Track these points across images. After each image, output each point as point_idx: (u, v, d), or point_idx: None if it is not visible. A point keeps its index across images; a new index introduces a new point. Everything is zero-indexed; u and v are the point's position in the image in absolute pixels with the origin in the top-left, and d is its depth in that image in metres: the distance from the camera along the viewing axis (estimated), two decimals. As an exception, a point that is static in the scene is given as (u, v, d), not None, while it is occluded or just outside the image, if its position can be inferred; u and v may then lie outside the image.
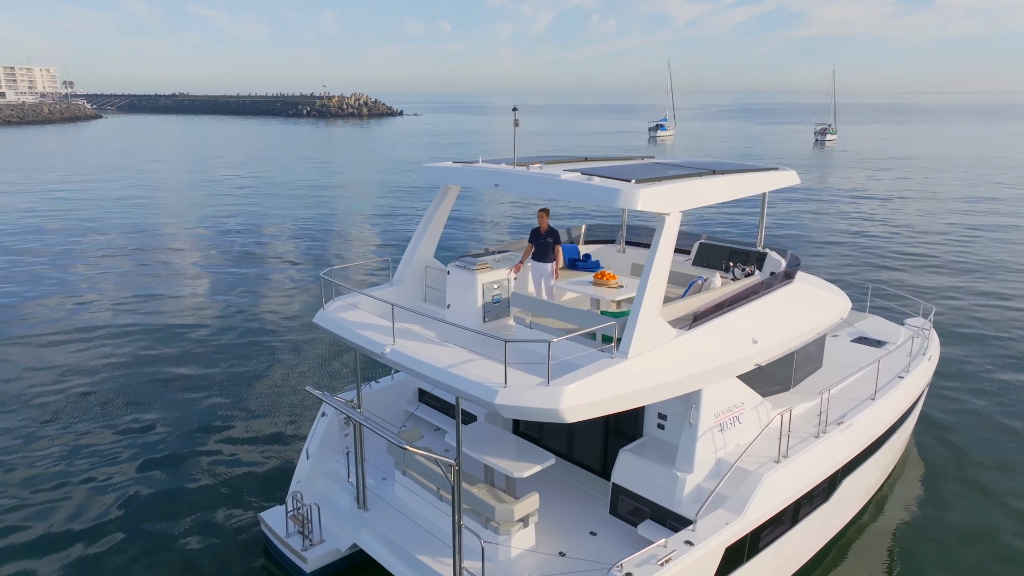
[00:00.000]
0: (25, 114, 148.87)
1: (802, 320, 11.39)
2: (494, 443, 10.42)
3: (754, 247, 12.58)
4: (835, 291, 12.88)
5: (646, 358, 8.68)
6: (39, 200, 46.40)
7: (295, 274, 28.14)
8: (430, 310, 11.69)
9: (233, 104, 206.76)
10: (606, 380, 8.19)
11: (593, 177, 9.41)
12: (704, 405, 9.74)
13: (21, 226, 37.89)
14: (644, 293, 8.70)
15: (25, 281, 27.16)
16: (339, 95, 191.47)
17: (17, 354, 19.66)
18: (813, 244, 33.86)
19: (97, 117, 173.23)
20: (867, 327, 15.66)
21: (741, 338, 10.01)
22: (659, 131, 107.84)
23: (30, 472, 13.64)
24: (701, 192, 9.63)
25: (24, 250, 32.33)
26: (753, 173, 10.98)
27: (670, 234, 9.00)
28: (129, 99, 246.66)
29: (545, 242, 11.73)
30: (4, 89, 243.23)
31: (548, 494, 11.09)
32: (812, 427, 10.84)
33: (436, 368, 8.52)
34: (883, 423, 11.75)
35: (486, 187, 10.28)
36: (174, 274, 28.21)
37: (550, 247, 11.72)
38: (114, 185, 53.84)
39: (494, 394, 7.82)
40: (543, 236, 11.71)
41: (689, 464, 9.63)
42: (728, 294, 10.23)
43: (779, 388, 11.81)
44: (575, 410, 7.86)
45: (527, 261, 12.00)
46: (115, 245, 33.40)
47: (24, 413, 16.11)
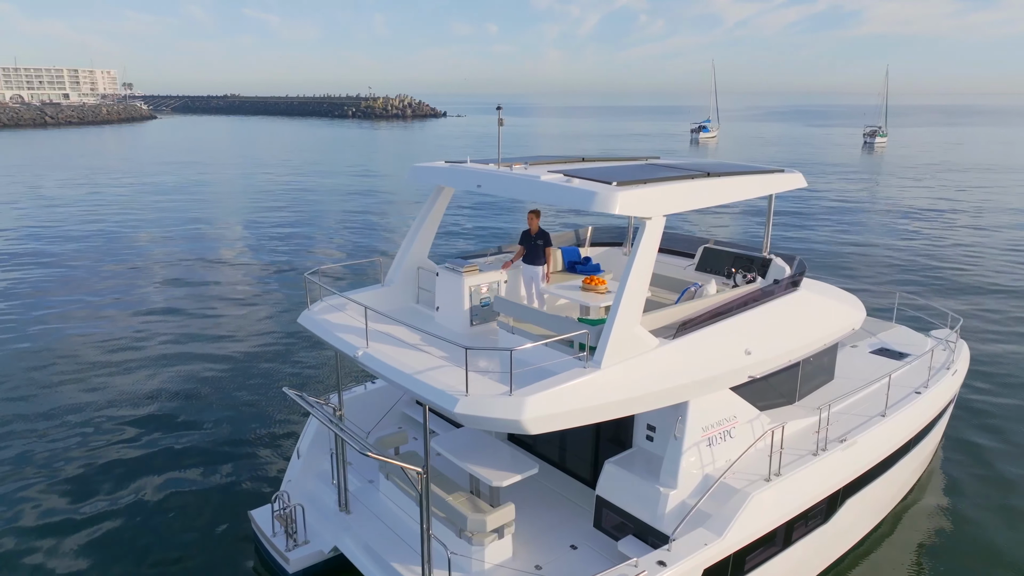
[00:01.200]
0: (85, 115, 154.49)
1: (807, 330, 10.85)
2: (479, 449, 10.18)
3: (760, 252, 12.05)
4: (848, 299, 12.25)
5: (622, 368, 8.32)
6: (61, 201, 47.96)
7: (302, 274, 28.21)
8: (421, 312, 11.51)
9: (282, 105, 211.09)
10: (574, 390, 7.87)
11: (573, 179, 9.09)
12: (691, 418, 9.33)
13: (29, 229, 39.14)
14: (620, 301, 8.35)
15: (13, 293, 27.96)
16: (384, 96, 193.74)
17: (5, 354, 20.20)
18: (845, 249, 32.69)
19: (152, 118, 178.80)
20: (890, 338, 14.92)
21: (733, 349, 9.55)
22: (702, 132, 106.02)
23: (21, 470, 13.80)
24: (689, 195, 9.22)
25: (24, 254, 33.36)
26: (753, 175, 10.50)
27: (651, 239, 8.63)
28: (183, 100, 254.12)
29: (535, 244, 11.44)
30: (68, 91, 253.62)
31: (534, 504, 10.79)
32: (812, 444, 10.31)
33: (402, 373, 8.33)
34: (893, 441, 11.11)
35: (470, 188, 10.06)
36: (184, 271, 28.72)
37: (540, 249, 11.42)
38: (147, 184, 55.32)
39: (454, 402, 7.58)
40: (533, 238, 11.43)
41: (673, 479, 9.23)
42: (720, 302, 9.78)
43: (783, 401, 11.28)
44: (538, 421, 7.57)
45: (518, 263, 11.74)
46: (135, 244, 34.24)
47: (10, 409, 16.44)
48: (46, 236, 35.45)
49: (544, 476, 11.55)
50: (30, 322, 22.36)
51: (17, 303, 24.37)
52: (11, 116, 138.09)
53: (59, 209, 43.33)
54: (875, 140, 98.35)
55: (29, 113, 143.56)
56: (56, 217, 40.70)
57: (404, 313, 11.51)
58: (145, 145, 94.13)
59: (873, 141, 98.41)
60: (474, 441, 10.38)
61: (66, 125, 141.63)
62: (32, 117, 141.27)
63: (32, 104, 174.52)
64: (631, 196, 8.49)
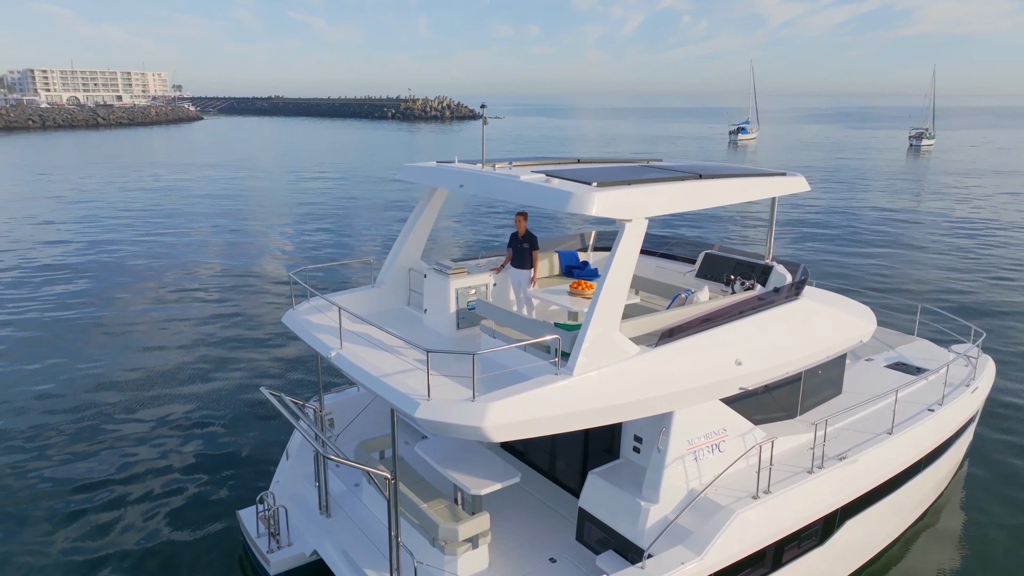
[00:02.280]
0: (135, 116, 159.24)
1: (807, 341, 10.39)
2: (463, 456, 10.00)
3: (762, 260, 11.60)
4: (856, 310, 11.72)
5: (596, 376, 8.05)
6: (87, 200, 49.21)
7: (315, 275, 28.37)
8: (411, 314, 11.38)
9: (324, 107, 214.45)
10: (542, 398, 7.63)
11: (553, 179, 8.83)
12: (675, 430, 8.99)
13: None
14: (595, 306, 8.06)
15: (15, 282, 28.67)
16: (423, 98, 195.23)
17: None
18: (875, 257, 31.60)
19: (198, 119, 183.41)
20: (910, 352, 14.26)
21: (721, 359, 9.18)
22: (740, 134, 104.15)
23: (9, 469, 13.88)
24: (674, 197, 8.89)
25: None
26: (750, 178, 10.09)
27: (631, 242, 8.33)
28: (230, 101, 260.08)
29: (522, 247, 11.19)
30: (121, 92, 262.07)
31: (518, 514, 10.55)
32: (809, 461, 9.85)
33: (369, 375, 8.20)
34: (900, 461, 10.57)
35: (453, 187, 9.87)
36: (192, 270, 29.14)
37: (527, 253, 11.17)
38: (174, 183, 56.51)
39: (415, 407, 7.42)
40: (520, 241, 11.18)
41: (655, 493, 8.90)
42: (709, 310, 9.41)
43: (783, 415, 10.83)
44: (501, 429, 7.35)
45: (508, 267, 11.53)
46: (158, 241, 34.90)
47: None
48: (54, 233, 36.45)
49: (533, 486, 11.31)
50: (12, 321, 22.93)
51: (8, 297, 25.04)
52: (66, 117, 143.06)
53: (82, 206, 44.53)
54: (921, 143, 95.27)
55: (82, 114, 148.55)
56: (75, 215, 41.81)
57: (394, 315, 11.39)
58: (184, 146, 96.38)
59: (919, 144, 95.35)
60: (459, 447, 10.19)
61: (117, 126, 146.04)
62: (85, 118, 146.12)
63: (86, 105, 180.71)
64: (609, 197, 8.21)
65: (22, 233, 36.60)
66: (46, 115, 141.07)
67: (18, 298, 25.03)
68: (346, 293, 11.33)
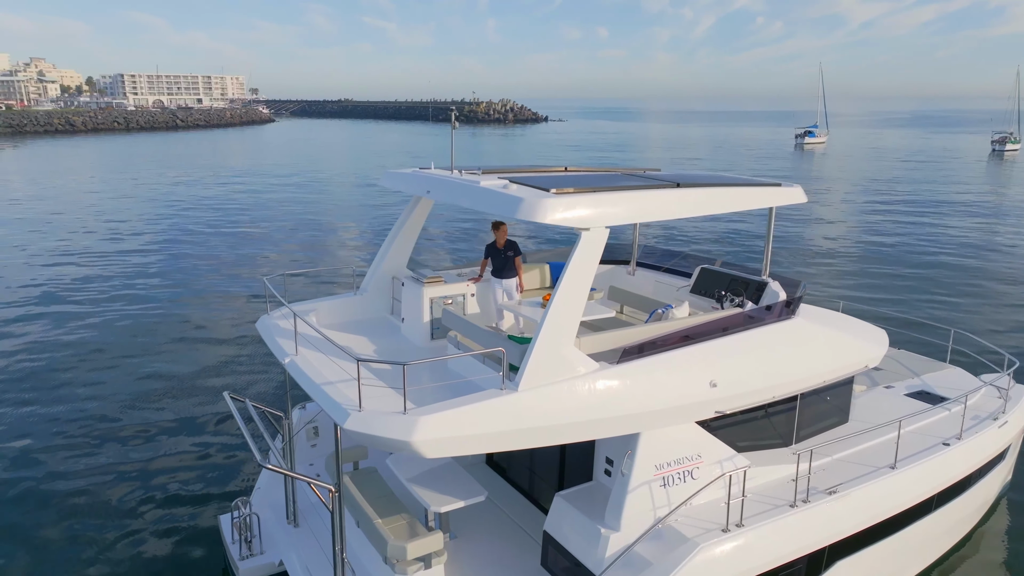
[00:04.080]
0: (211, 118, 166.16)
1: (799, 364, 9.70)
2: (434, 470, 9.77)
3: (758, 276, 10.92)
4: (863, 332, 10.89)
5: (545, 392, 7.66)
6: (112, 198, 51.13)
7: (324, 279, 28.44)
8: (391, 323, 11.22)
9: (390, 109, 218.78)
10: (480, 413, 7.30)
11: (511, 185, 8.48)
12: (641, 453, 8.50)
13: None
14: (546, 318, 7.68)
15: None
16: (487, 101, 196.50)
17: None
18: (924, 271, 29.70)
19: (271, 121, 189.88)
20: (937, 380, 13.21)
21: (693, 379, 8.62)
22: (807, 138, 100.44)
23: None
24: (640, 206, 8.41)
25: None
26: (736, 188, 9.47)
27: (587, 252, 7.92)
28: (302, 104, 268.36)
29: (505, 256, 10.85)
30: (202, 96, 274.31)
31: (488, 533, 10.23)
32: (801, 492, 9.17)
33: (312, 383, 8.05)
34: (903, 498, 9.73)
35: (421, 193, 9.65)
36: (212, 268, 29.79)
37: (510, 261, 10.83)
38: (226, 183, 58.29)
39: (345, 417, 7.21)
40: (501, 251, 10.84)
41: (616, 520, 8.43)
42: (683, 327, 8.86)
43: (775, 443, 10.15)
44: (432, 444, 7.06)
45: (486, 276, 11.23)
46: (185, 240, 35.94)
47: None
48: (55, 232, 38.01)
49: (511, 505, 10.95)
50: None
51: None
52: (148, 119, 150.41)
53: (129, 204, 46.42)
54: (1005, 148, 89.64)
55: (163, 116, 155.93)
56: (110, 212, 43.58)
57: (375, 323, 11.26)
58: (251, 147, 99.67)
59: (1003, 149, 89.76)
60: (431, 461, 9.95)
61: (194, 128, 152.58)
62: (165, 120, 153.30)
63: (168, 108, 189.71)
64: (564, 204, 7.81)
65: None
66: (130, 117, 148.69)
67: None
68: (328, 300, 11.26)
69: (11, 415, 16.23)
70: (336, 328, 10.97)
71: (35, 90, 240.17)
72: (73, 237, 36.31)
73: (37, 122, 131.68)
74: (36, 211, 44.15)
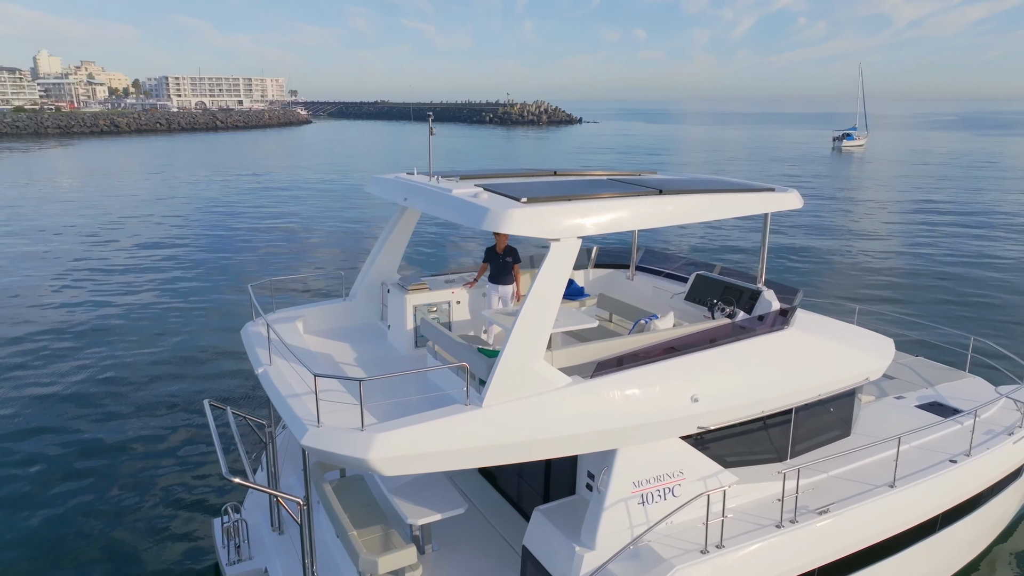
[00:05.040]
0: (250, 119, 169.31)
1: (792, 377, 9.29)
2: (417, 480, 9.59)
3: (754, 284, 10.51)
4: (866, 343, 10.41)
5: (511, 408, 7.42)
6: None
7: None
8: (380, 329, 11.09)
9: (425, 110, 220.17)
10: (442, 430, 7.09)
11: (482, 193, 8.26)
12: (618, 469, 8.21)
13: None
14: (513, 331, 7.45)
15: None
16: (521, 102, 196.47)
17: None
18: (960, 271, 28.59)
19: (308, 122, 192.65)
20: (953, 391, 12.61)
21: (673, 393, 8.30)
22: (845, 141, 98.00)
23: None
24: (615, 215, 8.11)
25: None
26: (725, 194, 9.10)
27: (557, 263, 7.66)
28: (339, 106, 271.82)
29: (504, 262, 10.65)
30: (243, 97, 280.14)
31: (472, 546, 10.02)
32: (788, 512, 8.77)
33: (278, 395, 7.93)
34: (901, 519, 9.25)
35: (399, 200, 9.47)
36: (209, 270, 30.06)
37: (508, 267, 10.62)
38: (247, 184, 59.06)
39: (303, 432, 7.06)
40: (500, 256, 10.65)
41: (591, 538, 8.15)
42: (664, 339, 8.54)
43: (768, 458, 9.75)
44: (390, 462, 6.88)
45: (483, 282, 11.01)
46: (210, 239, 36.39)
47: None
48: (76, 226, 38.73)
49: (499, 516, 10.71)
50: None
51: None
52: (189, 121, 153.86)
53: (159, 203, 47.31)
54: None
55: (204, 118, 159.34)
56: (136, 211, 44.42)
57: (364, 330, 11.16)
58: (283, 148, 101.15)
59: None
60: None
61: (233, 129, 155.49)
62: (205, 122, 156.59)
63: (208, 109, 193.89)
64: (532, 214, 7.57)
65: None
66: (172, 119, 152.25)
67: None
68: (316, 306, 11.18)
69: (9, 412, 16.57)
70: (323, 335, 10.88)
71: (84, 92, 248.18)
72: (91, 237, 37.19)
73: (84, 123, 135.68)
74: (51, 212, 45.37)
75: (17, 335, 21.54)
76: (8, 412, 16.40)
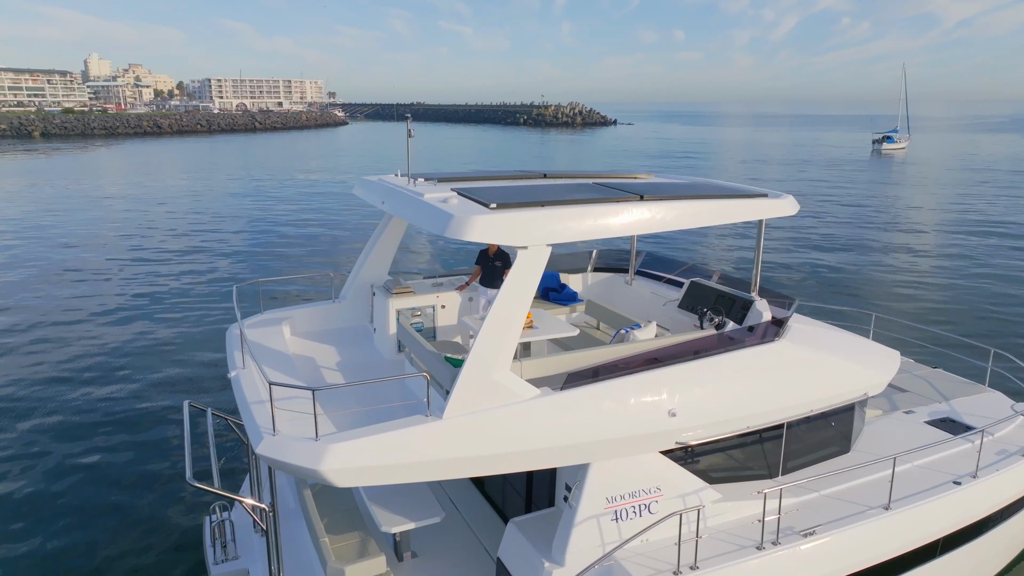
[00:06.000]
0: (288, 120, 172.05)
1: (783, 391, 8.93)
2: (398, 486, 9.44)
3: (748, 292, 10.13)
4: (867, 356, 9.96)
5: (473, 420, 7.22)
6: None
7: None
8: (370, 332, 10.99)
9: (460, 112, 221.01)
10: (398, 441, 6.93)
11: (452, 199, 8.06)
12: (591, 484, 7.95)
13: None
14: (476, 341, 7.25)
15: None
16: (555, 104, 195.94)
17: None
18: (981, 292, 27.43)
19: (344, 124, 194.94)
20: (968, 406, 12.03)
21: (650, 407, 8.01)
22: (886, 143, 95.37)
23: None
24: (588, 222, 7.84)
25: None
26: (713, 200, 8.76)
27: (524, 271, 7.44)
28: (376, 107, 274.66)
29: (493, 266, 10.47)
30: (282, 99, 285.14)
31: (452, 554, 9.84)
32: (770, 533, 8.41)
33: (243, 401, 7.84)
34: (896, 542, 8.81)
35: (377, 204, 9.34)
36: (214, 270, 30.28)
37: (499, 271, 10.44)
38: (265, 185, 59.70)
39: (259, 440, 6.95)
40: (491, 259, 10.46)
41: (561, 554, 7.91)
42: (640, 351, 8.24)
43: (760, 474, 9.38)
44: (344, 473, 6.74)
45: (475, 286, 10.84)
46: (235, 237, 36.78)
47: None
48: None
49: (482, 522, 10.52)
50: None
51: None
52: (228, 122, 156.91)
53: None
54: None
55: (242, 119, 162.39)
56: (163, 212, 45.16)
57: (353, 332, 11.07)
58: (318, 149, 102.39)
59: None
60: None
61: (271, 130, 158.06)
62: (244, 123, 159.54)
63: (248, 111, 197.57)
64: (497, 221, 7.35)
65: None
66: (212, 120, 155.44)
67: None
68: (305, 307, 11.13)
69: (7, 404, 16.93)
70: (311, 337, 10.82)
71: (131, 94, 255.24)
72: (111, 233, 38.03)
73: (128, 124, 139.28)
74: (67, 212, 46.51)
75: (22, 326, 22.12)
76: (10, 398, 16.79)
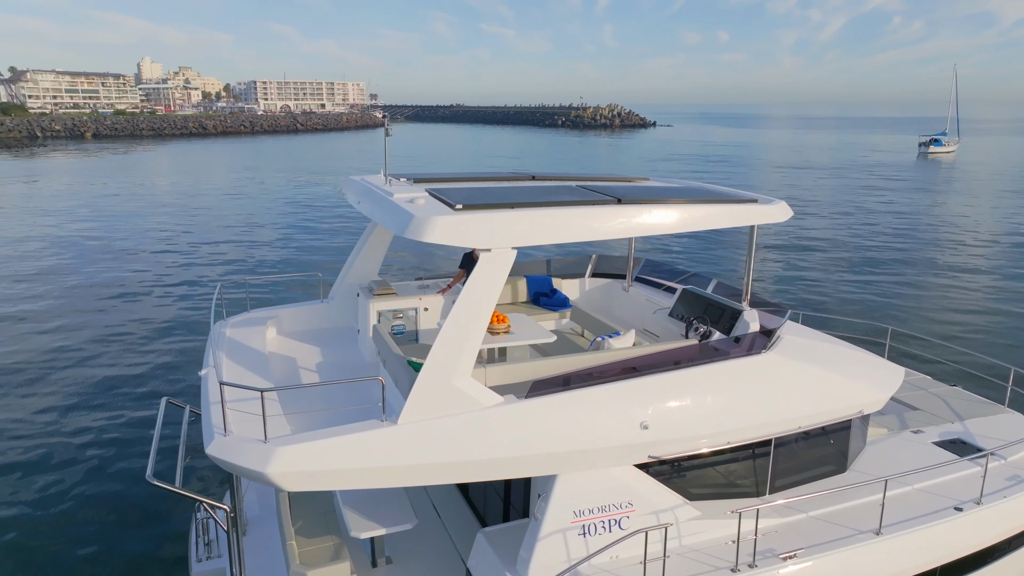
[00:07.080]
0: (328, 122, 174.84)
1: (767, 407, 8.53)
2: (375, 491, 9.32)
3: (738, 302, 9.72)
4: (865, 372, 9.47)
5: (429, 427, 7.03)
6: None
7: None
8: (355, 334, 10.89)
9: (499, 114, 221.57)
10: (349, 446, 6.77)
11: (418, 199, 7.87)
12: (557, 496, 7.68)
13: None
14: (434, 345, 7.06)
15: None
16: (594, 106, 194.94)
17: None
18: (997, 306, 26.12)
19: (380, 125, 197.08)
20: (982, 427, 11.39)
21: (620, 419, 7.71)
22: (933, 146, 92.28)
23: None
24: (556, 225, 7.58)
25: None
26: (694, 205, 8.40)
27: (486, 274, 7.22)
28: (416, 109, 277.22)
29: None
30: (325, 101, 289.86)
31: (427, 561, 9.65)
32: (747, 555, 8.02)
33: (205, 400, 7.76)
34: (886, 570, 8.33)
35: (355, 204, 9.21)
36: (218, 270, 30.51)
37: None
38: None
39: (210, 440, 6.86)
40: (475, 262, 10.26)
41: (524, 568, 7.66)
42: (613, 360, 7.94)
43: (745, 491, 8.97)
44: (292, 477, 6.61)
45: (458, 287, 10.65)
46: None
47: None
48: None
49: (462, 529, 10.32)
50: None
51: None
52: (270, 123, 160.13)
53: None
54: None
55: (284, 120, 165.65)
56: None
57: (339, 333, 11.00)
58: (357, 149, 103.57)
59: None
60: None
61: (312, 131, 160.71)
62: (286, 124, 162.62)
63: (290, 112, 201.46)
64: (459, 223, 7.14)
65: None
66: (256, 121, 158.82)
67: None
68: (292, 307, 11.09)
69: (13, 393, 17.31)
70: (296, 337, 10.77)
71: (180, 96, 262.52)
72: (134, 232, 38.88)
73: (175, 125, 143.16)
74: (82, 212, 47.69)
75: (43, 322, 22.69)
76: (10, 394, 17.21)
